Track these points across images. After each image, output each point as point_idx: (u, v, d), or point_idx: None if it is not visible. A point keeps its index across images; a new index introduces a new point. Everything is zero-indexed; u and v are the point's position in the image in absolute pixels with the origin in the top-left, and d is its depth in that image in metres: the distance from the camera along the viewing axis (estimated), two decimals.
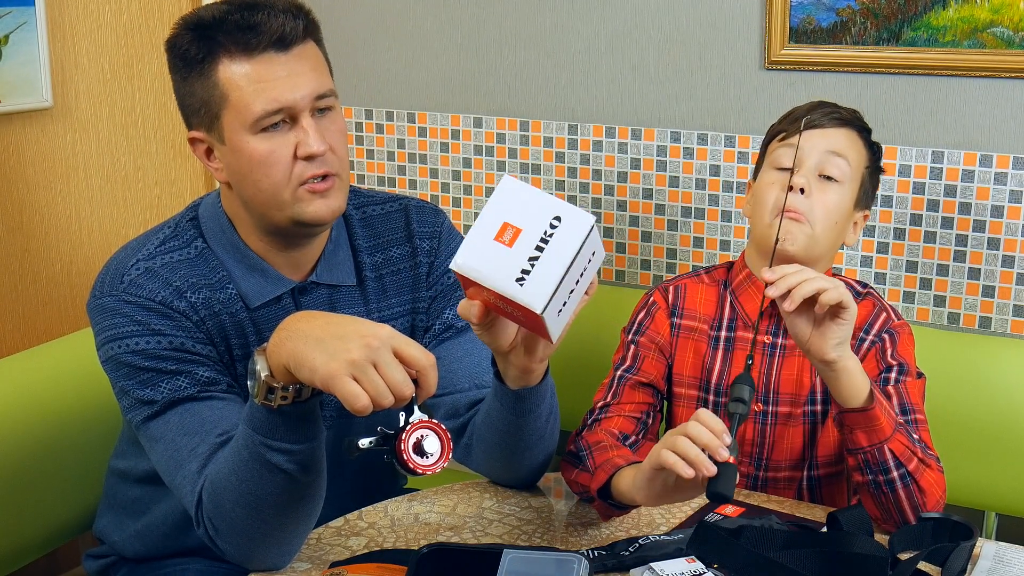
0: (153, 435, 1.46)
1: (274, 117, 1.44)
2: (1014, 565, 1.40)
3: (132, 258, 1.52)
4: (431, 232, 1.67)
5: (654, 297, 1.77)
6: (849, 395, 1.47)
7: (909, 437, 1.50)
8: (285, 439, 1.32)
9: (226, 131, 1.46)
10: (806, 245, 1.62)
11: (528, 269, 1.21)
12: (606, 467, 1.51)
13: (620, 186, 2.52)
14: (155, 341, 1.45)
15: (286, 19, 1.44)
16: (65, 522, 1.91)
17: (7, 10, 2.21)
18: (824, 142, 1.65)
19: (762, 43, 2.32)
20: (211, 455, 1.41)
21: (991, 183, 2.17)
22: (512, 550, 1.22)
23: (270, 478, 1.34)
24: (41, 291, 2.39)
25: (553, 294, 1.21)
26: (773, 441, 1.69)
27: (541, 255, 1.22)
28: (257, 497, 1.35)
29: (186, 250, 1.53)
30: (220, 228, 1.55)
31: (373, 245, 1.64)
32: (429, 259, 1.66)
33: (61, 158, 2.40)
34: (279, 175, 1.46)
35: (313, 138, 1.45)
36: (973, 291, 2.22)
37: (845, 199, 1.65)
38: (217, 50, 1.44)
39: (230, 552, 1.41)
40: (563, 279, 1.22)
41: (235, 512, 1.37)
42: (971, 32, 2.13)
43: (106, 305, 1.49)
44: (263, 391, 1.29)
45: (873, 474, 1.48)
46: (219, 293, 1.51)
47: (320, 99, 1.47)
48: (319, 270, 1.58)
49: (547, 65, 2.56)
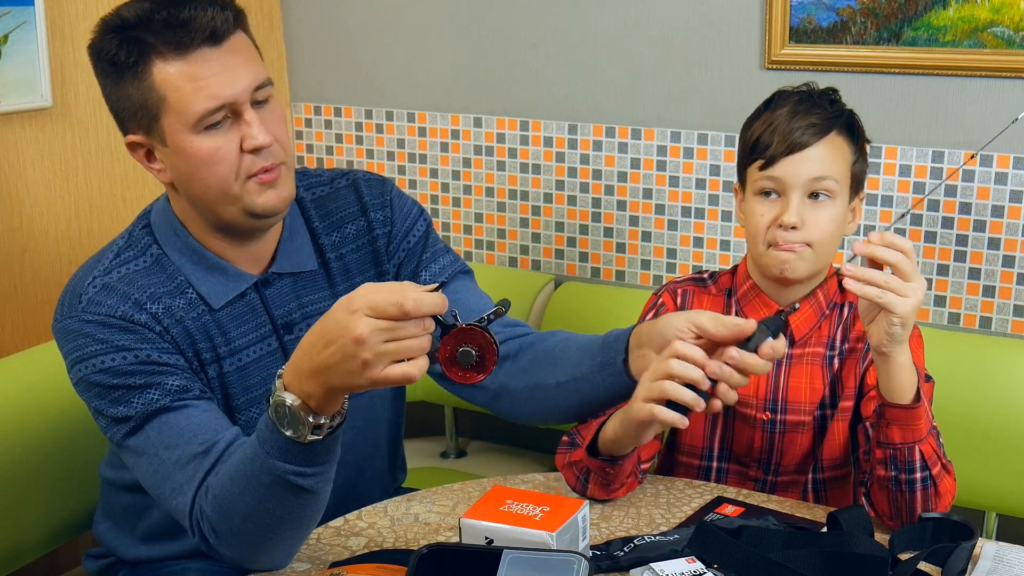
0: (135, 450, 1.44)
1: (216, 115, 1.41)
2: (1014, 565, 1.40)
3: (88, 276, 1.49)
4: (381, 203, 1.64)
5: (663, 298, 1.77)
6: (896, 390, 1.45)
7: (937, 441, 1.49)
8: (318, 463, 1.32)
9: (167, 133, 1.43)
10: (808, 268, 1.62)
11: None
12: (593, 428, 1.53)
13: (620, 186, 2.52)
14: (120, 357, 1.43)
15: (215, 12, 1.40)
16: (65, 522, 1.91)
17: (6, 10, 2.21)
18: (806, 168, 1.60)
19: (762, 43, 2.32)
20: (197, 466, 1.39)
21: (991, 183, 2.17)
22: (512, 550, 1.22)
23: (294, 500, 1.33)
24: (41, 291, 2.38)
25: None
26: (783, 448, 1.69)
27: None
28: (275, 515, 1.35)
29: (141, 259, 1.51)
30: (173, 232, 1.52)
31: (328, 224, 1.61)
32: (385, 229, 1.63)
33: (61, 158, 2.40)
34: (226, 171, 1.44)
35: (258, 130, 1.43)
36: (973, 291, 2.22)
37: (840, 208, 1.63)
38: (148, 51, 1.40)
39: (231, 557, 1.40)
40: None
41: (245, 526, 1.36)
42: (971, 32, 2.12)
43: (68, 327, 1.46)
44: (308, 428, 1.28)
45: (898, 471, 1.46)
46: (179, 299, 1.49)
47: (259, 90, 1.44)
48: (279, 260, 1.56)
49: (547, 65, 2.56)
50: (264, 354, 1.56)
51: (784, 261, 1.60)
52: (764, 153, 1.62)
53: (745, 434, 1.70)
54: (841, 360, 1.68)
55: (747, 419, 1.69)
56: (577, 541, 1.33)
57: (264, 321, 1.55)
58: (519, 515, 1.31)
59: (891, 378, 1.45)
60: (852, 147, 1.65)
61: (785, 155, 1.61)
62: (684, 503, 1.60)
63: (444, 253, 1.67)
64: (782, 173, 1.61)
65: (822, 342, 1.68)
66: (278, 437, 1.29)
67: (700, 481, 1.69)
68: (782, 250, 1.60)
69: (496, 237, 2.70)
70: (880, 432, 1.48)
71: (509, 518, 1.30)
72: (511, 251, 2.69)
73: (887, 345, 1.42)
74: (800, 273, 1.62)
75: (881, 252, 1.40)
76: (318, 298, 1.58)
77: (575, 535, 1.32)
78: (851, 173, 1.64)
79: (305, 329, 1.53)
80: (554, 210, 2.62)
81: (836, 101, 1.66)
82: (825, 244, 1.62)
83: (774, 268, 1.62)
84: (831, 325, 1.69)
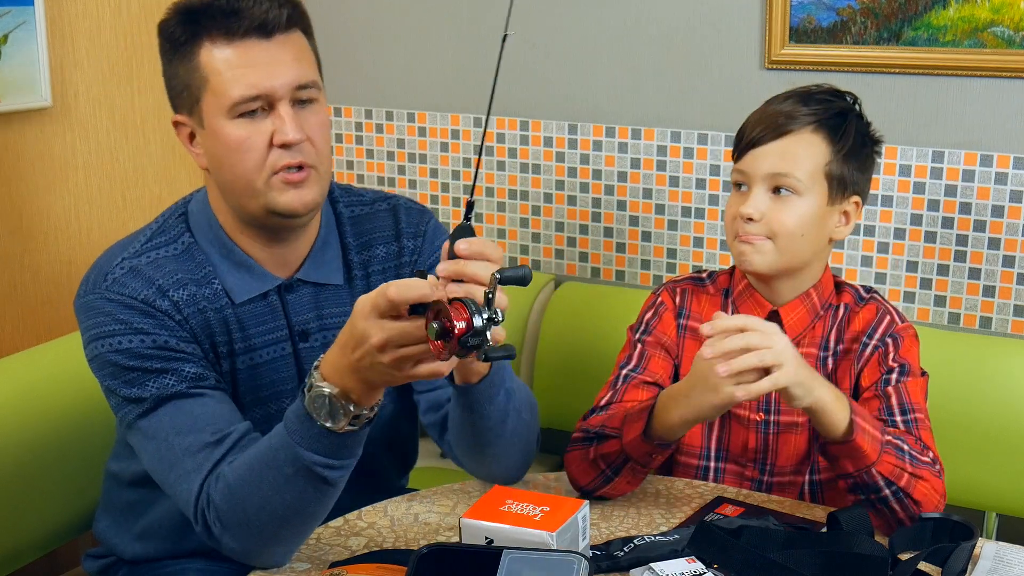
0: (145, 433, 1.45)
1: (252, 104, 1.43)
2: (1014, 565, 1.40)
3: (117, 256, 1.51)
4: (415, 232, 1.67)
5: (662, 297, 1.77)
6: (827, 429, 1.47)
7: (898, 453, 1.49)
8: (346, 456, 1.34)
9: (205, 115, 1.46)
10: (769, 263, 1.62)
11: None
12: (633, 414, 1.55)
13: (620, 186, 2.52)
14: (138, 340, 1.45)
15: (271, 6, 1.44)
16: (65, 522, 1.91)
17: (6, 10, 2.21)
18: (767, 163, 1.61)
19: (762, 43, 2.32)
20: (206, 455, 1.40)
21: (991, 183, 2.17)
22: (512, 550, 1.22)
23: (313, 493, 1.35)
24: (41, 291, 2.38)
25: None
26: (777, 448, 1.69)
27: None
28: (290, 507, 1.36)
29: (172, 246, 1.53)
30: (208, 223, 1.55)
31: (361, 243, 1.63)
32: (413, 258, 1.66)
33: (60, 158, 2.40)
34: (252, 162, 1.45)
35: (290, 126, 1.44)
36: (973, 291, 2.22)
37: (808, 208, 1.61)
38: (200, 34, 1.44)
39: (233, 549, 1.41)
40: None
41: (256, 516, 1.37)
42: (971, 32, 2.12)
43: (90, 303, 1.49)
44: (347, 418, 1.30)
45: (866, 493, 1.49)
46: (204, 288, 1.51)
47: (301, 89, 1.46)
48: (306, 267, 1.57)
49: (547, 65, 2.56)
50: (277, 357, 1.56)
51: (741, 252, 1.63)
52: (738, 146, 1.67)
53: (740, 434, 1.70)
54: (835, 361, 1.68)
55: (741, 419, 1.69)
56: (577, 541, 1.33)
57: (282, 325, 1.56)
58: (519, 515, 1.31)
59: (818, 422, 1.48)
60: (831, 147, 1.62)
61: (748, 149, 1.64)
62: (684, 503, 1.60)
63: None
64: (745, 166, 1.64)
65: (815, 343, 1.68)
66: (310, 427, 1.31)
67: (700, 481, 1.69)
68: (742, 241, 1.63)
69: (496, 237, 2.70)
70: (833, 466, 1.51)
71: (509, 518, 1.30)
72: (511, 251, 2.69)
73: (796, 401, 1.44)
74: (758, 266, 1.63)
75: (726, 325, 1.43)
76: (338, 312, 1.59)
77: (575, 535, 1.32)
78: (826, 173, 1.62)
79: (321, 339, 1.57)
80: (554, 210, 2.62)
81: (830, 101, 1.65)
82: (789, 240, 1.61)
83: (736, 259, 1.66)
84: (825, 326, 1.69)
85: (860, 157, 1.66)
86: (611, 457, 1.56)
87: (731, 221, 1.66)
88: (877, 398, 1.61)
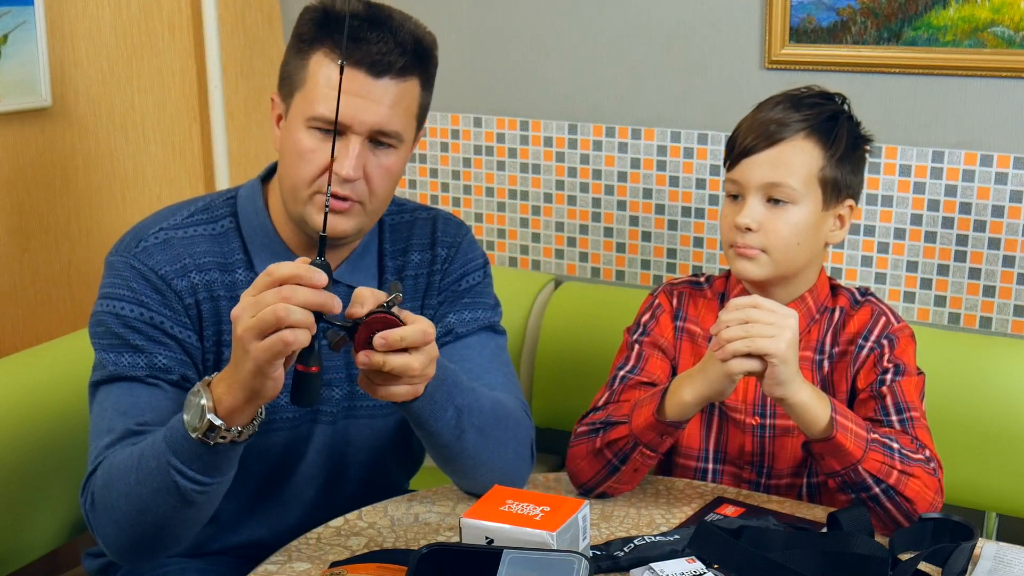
0: (95, 398, 1.48)
1: (327, 124, 1.45)
2: (1014, 565, 1.40)
3: (157, 224, 1.54)
4: (450, 242, 1.67)
5: (659, 299, 1.77)
6: (807, 426, 1.48)
7: (886, 451, 1.49)
8: (203, 471, 1.31)
9: (291, 110, 1.49)
10: (766, 272, 1.63)
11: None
12: (644, 399, 1.57)
13: (620, 186, 2.52)
14: (137, 312, 1.47)
15: (390, 50, 1.45)
16: (65, 522, 1.91)
17: (6, 10, 2.21)
18: (760, 172, 1.61)
19: (762, 43, 2.32)
20: (122, 438, 1.41)
21: (991, 183, 2.17)
22: (512, 550, 1.22)
23: (166, 498, 1.33)
24: (41, 291, 2.38)
25: None
26: (774, 451, 1.69)
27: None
28: (146, 502, 1.34)
29: (212, 226, 1.55)
30: (255, 211, 1.57)
31: (397, 249, 1.64)
32: (443, 267, 1.66)
33: (60, 158, 2.40)
34: (307, 173, 1.47)
35: (349, 162, 1.45)
36: (973, 291, 2.22)
37: (803, 215, 1.61)
38: (323, 40, 1.46)
39: (103, 537, 1.41)
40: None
41: (118, 504, 1.37)
42: (971, 32, 2.12)
43: (115, 264, 1.52)
44: (205, 427, 1.28)
45: (855, 492, 1.49)
46: (227, 276, 1.53)
47: (382, 135, 1.47)
48: (342, 269, 1.58)
49: (547, 65, 2.56)
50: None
51: (737, 263, 1.64)
52: (730, 155, 1.66)
53: (737, 438, 1.70)
54: (831, 364, 1.68)
55: (737, 423, 1.69)
56: (577, 541, 1.33)
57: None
58: (519, 515, 1.31)
59: (798, 418, 1.48)
60: (824, 152, 1.62)
61: (741, 157, 1.63)
62: (684, 503, 1.60)
63: (483, 308, 1.67)
64: (738, 175, 1.64)
65: (811, 346, 1.68)
66: (180, 427, 1.30)
67: (699, 481, 1.69)
68: (738, 252, 1.63)
69: (496, 237, 2.70)
70: (820, 465, 1.52)
71: (509, 518, 1.30)
72: (511, 251, 2.69)
73: (777, 390, 1.45)
74: (755, 276, 1.64)
75: (730, 318, 1.45)
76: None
77: (575, 535, 1.32)
78: (819, 179, 1.62)
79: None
80: (554, 210, 2.62)
81: (820, 105, 1.65)
82: (784, 250, 1.62)
83: (732, 268, 1.66)
84: (820, 329, 1.69)
85: (852, 160, 1.66)
86: (619, 444, 1.56)
87: (728, 231, 1.65)
88: (873, 399, 1.62)
